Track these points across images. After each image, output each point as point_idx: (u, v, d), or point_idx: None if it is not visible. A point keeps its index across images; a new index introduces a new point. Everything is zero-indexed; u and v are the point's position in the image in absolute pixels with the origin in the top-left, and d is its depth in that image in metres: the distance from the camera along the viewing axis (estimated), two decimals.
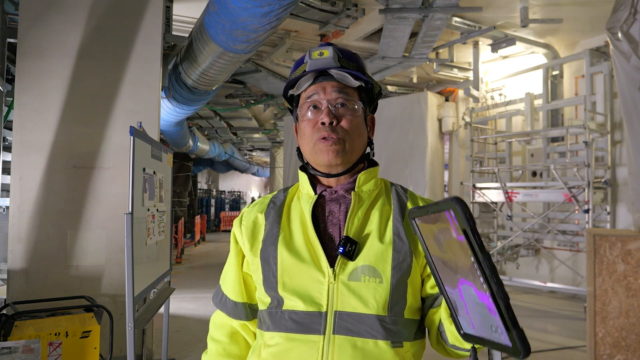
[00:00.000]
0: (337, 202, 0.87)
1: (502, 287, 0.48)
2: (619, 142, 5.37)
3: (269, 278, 0.84)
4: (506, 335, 0.48)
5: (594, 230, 3.42)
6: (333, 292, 0.79)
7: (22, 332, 2.26)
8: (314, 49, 0.88)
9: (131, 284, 2.12)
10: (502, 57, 6.27)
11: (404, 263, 0.81)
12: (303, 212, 0.87)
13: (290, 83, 0.89)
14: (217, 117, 9.21)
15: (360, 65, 0.90)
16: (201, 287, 5.93)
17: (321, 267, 0.81)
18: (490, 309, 0.49)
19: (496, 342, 0.50)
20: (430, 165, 6.91)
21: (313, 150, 0.86)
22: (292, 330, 0.80)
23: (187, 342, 3.81)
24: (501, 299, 0.47)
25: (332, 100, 0.86)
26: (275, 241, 0.85)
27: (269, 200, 0.94)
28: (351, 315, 0.79)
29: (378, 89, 0.92)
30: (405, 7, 4.21)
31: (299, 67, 0.89)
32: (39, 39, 3.05)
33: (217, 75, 4.03)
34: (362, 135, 0.88)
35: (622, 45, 3.86)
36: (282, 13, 2.79)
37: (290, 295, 0.81)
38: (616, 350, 3.08)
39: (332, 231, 0.85)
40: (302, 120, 0.89)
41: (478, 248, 0.48)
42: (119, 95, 3.14)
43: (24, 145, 3.00)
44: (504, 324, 0.48)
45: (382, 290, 0.79)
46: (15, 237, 2.95)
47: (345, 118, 0.85)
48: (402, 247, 0.82)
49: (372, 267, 0.80)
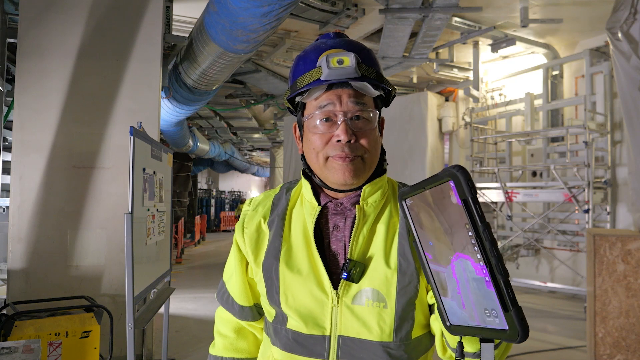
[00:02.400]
0: (342, 215, 0.81)
1: (502, 261, 0.46)
2: (619, 142, 5.37)
3: (272, 294, 0.81)
4: (502, 316, 0.45)
5: (594, 231, 3.42)
6: (336, 315, 0.76)
7: (22, 332, 2.27)
8: (332, 54, 0.75)
9: (131, 284, 2.12)
10: (502, 57, 6.27)
11: (409, 286, 0.76)
12: (306, 223, 0.82)
13: (299, 89, 0.78)
14: (217, 117, 9.21)
15: (379, 69, 0.80)
16: (201, 287, 5.93)
17: (324, 287, 0.77)
18: (487, 284, 0.45)
19: (489, 327, 0.47)
20: (430, 166, 6.91)
21: (325, 167, 0.78)
22: (296, 352, 0.78)
23: (187, 342, 3.80)
24: (500, 275, 0.45)
25: (348, 113, 0.76)
26: (277, 255, 0.81)
27: (271, 201, 0.88)
28: (354, 341, 0.76)
29: (394, 93, 0.84)
30: (405, 7, 4.21)
31: (309, 71, 0.77)
32: (39, 38, 3.05)
33: (217, 75, 4.03)
34: (378, 148, 0.82)
35: (622, 45, 3.85)
36: (282, 13, 2.78)
37: (294, 314, 0.78)
38: (616, 350, 3.07)
39: (336, 248, 0.80)
40: (312, 132, 0.79)
41: (478, 218, 0.46)
42: (119, 95, 3.14)
43: (24, 145, 3.00)
44: (502, 302, 0.44)
45: (386, 315, 0.75)
46: (15, 237, 2.95)
47: (364, 133, 0.77)
48: (407, 268, 0.77)
49: (377, 290, 0.76)
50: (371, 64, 0.79)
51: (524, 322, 0.44)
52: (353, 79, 0.75)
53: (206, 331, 4.08)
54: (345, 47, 0.79)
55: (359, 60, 0.76)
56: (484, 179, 6.62)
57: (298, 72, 0.80)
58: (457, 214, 0.48)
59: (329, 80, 0.75)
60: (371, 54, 0.81)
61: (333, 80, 0.75)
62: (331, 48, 0.79)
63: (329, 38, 0.82)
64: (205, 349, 3.65)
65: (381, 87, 0.79)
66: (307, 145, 0.81)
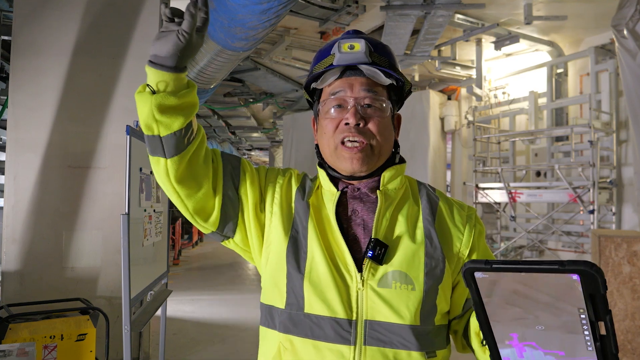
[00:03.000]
0: (360, 200, 0.81)
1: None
2: (624, 142, 5.31)
3: (298, 257, 0.77)
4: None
5: (599, 231, 3.37)
6: (362, 299, 0.75)
7: (17, 335, 2.25)
8: (344, 40, 0.80)
9: (127, 285, 2.10)
10: (506, 54, 6.22)
11: (436, 269, 0.77)
12: (325, 210, 0.81)
13: (315, 76, 0.82)
14: (215, 116, 9.18)
15: (392, 61, 0.82)
16: (199, 289, 5.87)
17: (348, 270, 0.76)
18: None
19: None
20: (433, 165, 6.86)
21: (335, 154, 0.80)
22: (319, 338, 0.75)
23: (185, 345, 3.77)
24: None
25: (359, 99, 0.79)
26: (305, 233, 0.79)
27: (300, 179, 0.87)
28: (382, 324, 0.74)
29: (409, 87, 0.85)
30: (406, 3, 4.16)
31: (324, 59, 0.81)
32: (34, 36, 3.01)
33: (215, 73, 3.99)
34: (389, 138, 0.82)
35: (628, 43, 3.80)
36: (282, 10, 2.74)
37: (316, 297, 0.75)
38: (622, 353, 3.04)
39: (355, 232, 0.79)
40: (324, 117, 0.82)
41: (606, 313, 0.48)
42: (115, 94, 3.10)
43: (18, 144, 2.97)
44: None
45: (414, 298, 0.75)
46: (10, 237, 2.92)
47: (372, 119, 0.79)
48: (434, 252, 0.78)
49: (404, 272, 0.75)
50: (384, 54, 0.81)
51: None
52: (363, 64, 0.78)
53: (204, 334, 4.04)
54: (359, 36, 0.82)
55: (371, 48, 0.79)
56: (487, 179, 6.57)
57: (316, 61, 0.84)
58: (565, 304, 0.49)
59: (340, 65, 0.78)
60: (387, 48, 0.83)
61: (343, 64, 0.78)
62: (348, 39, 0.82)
63: (348, 34, 0.85)
64: (203, 352, 3.61)
65: (394, 77, 0.81)
66: (320, 131, 0.83)
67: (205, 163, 0.80)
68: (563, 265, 0.49)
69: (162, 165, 0.77)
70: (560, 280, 0.49)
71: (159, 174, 0.78)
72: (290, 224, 0.81)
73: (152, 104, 0.72)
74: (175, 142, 0.74)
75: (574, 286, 0.48)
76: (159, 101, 0.72)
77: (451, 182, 7.53)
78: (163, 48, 0.70)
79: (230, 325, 4.29)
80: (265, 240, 0.82)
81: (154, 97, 0.72)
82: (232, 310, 4.90)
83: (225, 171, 0.82)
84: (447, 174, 7.42)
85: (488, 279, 0.54)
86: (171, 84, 0.72)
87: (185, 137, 0.75)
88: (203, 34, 0.73)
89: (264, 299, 0.82)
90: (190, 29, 0.69)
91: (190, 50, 0.72)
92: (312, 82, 0.83)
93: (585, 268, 0.47)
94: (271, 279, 0.80)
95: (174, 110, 0.73)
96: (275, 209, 0.82)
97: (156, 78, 0.72)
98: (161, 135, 0.74)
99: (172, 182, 0.77)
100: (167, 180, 0.78)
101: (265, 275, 0.82)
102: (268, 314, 0.81)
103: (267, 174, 0.86)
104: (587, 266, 0.47)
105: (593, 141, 4.97)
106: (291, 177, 0.87)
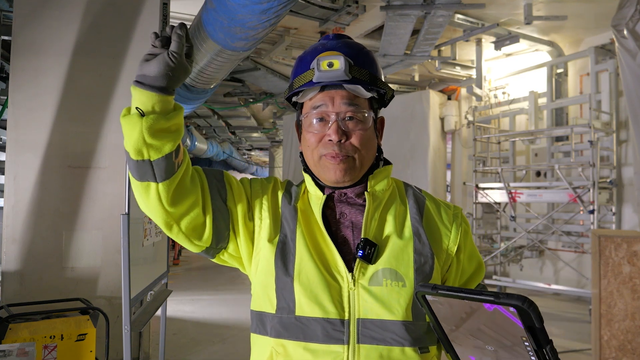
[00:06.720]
0: (348, 203, 0.83)
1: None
2: (624, 142, 5.31)
3: (286, 261, 0.78)
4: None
5: (599, 231, 3.37)
6: (354, 298, 0.76)
7: (17, 335, 2.24)
8: (323, 57, 0.78)
9: (128, 286, 2.10)
10: (506, 54, 6.22)
11: (425, 265, 0.78)
12: (312, 214, 0.82)
13: (295, 92, 0.83)
14: (215, 116, 9.17)
15: (374, 71, 0.82)
16: (199, 289, 5.87)
17: (339, 271, 0.77)
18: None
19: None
20: (433, 165, 6.86)
21: (318, 165, 0.82)
22: (312, 340, 0.75)
23: (185, 345, 3.77)
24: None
25: (341, 114, 0.79)
26: (293, 236, 0.80)
27: (284, 185, 0.88)
28: (375, 322, 0.75)
29: (390, 94, 0.86)
30: (406, 3, 4.16)
31: (303, 73, 0.81)
32: (34, 36, 3.01)
33: (215, 73, 3.99)
34: (372, 148, 0.83)
35: (628, 43, 3.80)
36: (282, 10, 2.74)
37: (307, 299, 0.76)
38: (622, 353, 3.03)
39: (345, 234, 0.81)
40: (307, 130, 0.82)
41: (547, 342, 0.50)
42: (115, 94, 3.10)
43: (18, 145, 2.97)
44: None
45: (405, 294, 0.76)
46: (10, 238, 2.91)
47: (355, 133, 0.80)
48: (423, 249, 0.80)
49: (394, 270, 0.77)
50: (365, 66, 0.81)
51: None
52: (344, 82, 0.78)
53: (204, 334, 4.04)
54: (343, 49, 0.81)
55: (351, 63, 0.78)
56: (487, 179, 6.57)
57: (296, 73, 0.84)
58: (509, 332, 0.51)
59: (320, 83, 0.78)
60: (368, 56, 0.83)
61: (323, 83, 0.78)
62: (328, 50, 0.81)
63: (328, 39, 0.85)
64: (203, 352, 3.61)
65: (375, 89, 0.81)
66: (304, 143, 0.85)
67: (192, 181, 0.79)
68: (498, 297, 0.50)
69: (153, 190, 0.75)
70: (503, 310, 0.50)
71: (150, 200, 0.76)
72: (278, 229, 0.81)
73: (142, 126, 0.70)
74: (166, 165, 0.73)
75: (515, 317, 0.49)
76: (149, 124, 0.70)
77: (451, 182, 7.53)
78: (153, 68, 0.70)
79: (230, 325, 4.29)
80: (255, 247, 0.83)
81: (144, 120, 0.70)
82: (232, 310, 4.90)
83: (211, 186, 0.82)
84: (447, 174, 7.42)
85: (438, 301, 0.56)
86: (160, 106, 0.71)
87: (176, 159, 0.75)
88: (191, 60, 0.74)
89: (254, 305, 0.82)
90: (179, 50, 0.70)
91: (180, 73, 0.72)
92: (292, 95, 0.84)
93: (517, 303, 0.48)
94: (261, 285, 0.80)
95: (165, 133, 0.72)
96: (264, 215, 0.83)
97: (144, 99, 0.71)
98: (152, 160, 0.72)
99: (165, 206, 0.76)
100: (158, 205, 0.76)
101: (255, 281, 0.82)
102: (259, 321, 0.81)
103: (252, 184, 0.87)
104: (520, 301, 0.48)
105: (593, 141, 4.96)
106: (276, 183, 0.88)
